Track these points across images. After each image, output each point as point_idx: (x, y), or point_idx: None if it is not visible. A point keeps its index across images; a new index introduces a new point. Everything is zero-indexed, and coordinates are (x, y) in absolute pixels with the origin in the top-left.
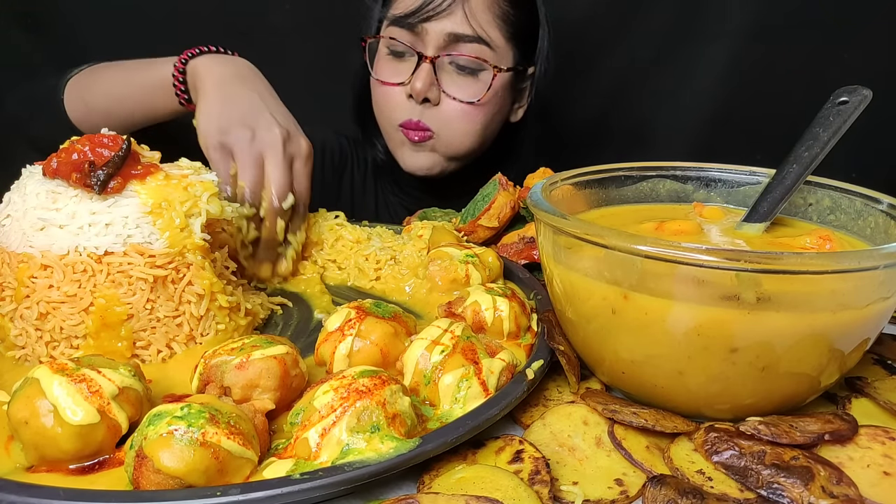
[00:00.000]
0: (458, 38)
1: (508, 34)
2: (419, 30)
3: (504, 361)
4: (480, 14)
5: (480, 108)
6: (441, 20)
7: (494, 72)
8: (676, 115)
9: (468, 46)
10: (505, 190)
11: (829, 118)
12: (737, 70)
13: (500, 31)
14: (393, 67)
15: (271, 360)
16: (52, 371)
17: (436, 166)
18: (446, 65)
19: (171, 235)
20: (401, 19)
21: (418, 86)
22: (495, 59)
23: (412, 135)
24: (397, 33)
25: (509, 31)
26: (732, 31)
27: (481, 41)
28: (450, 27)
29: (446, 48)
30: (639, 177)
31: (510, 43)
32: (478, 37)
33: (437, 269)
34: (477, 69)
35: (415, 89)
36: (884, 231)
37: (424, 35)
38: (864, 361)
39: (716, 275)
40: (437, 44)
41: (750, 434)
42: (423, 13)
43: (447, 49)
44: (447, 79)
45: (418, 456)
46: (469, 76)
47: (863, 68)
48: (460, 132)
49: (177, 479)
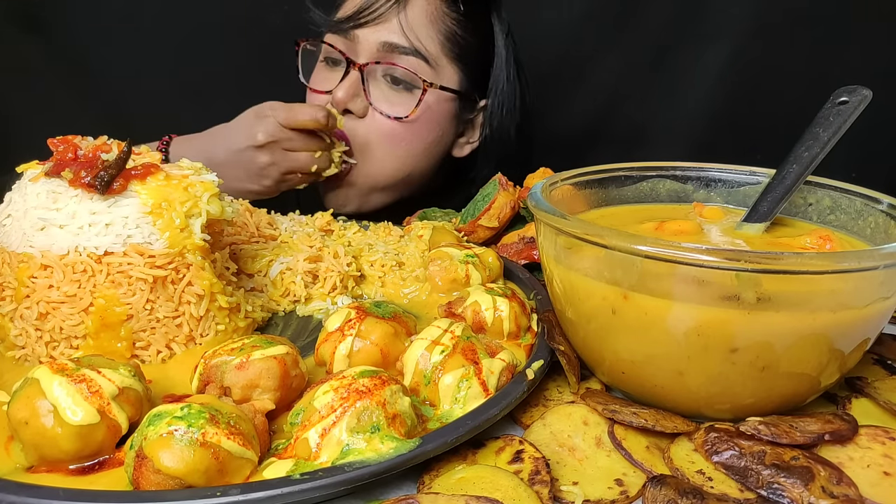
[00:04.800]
0: (392, 47)
1: (453, 54)
2: (352, 36)
3: (504, 361)
4: (420, 27)
5: (409, 128)
6: (376, 28)
7: (424, 86)
8: (676, 115)
9: (403, 59)
10: (505, 190)
11: (829, 118)
12: (737, 70)
13: (443, 49)
14: (324, 75)
15: (271, 360)
16: (52, 371)
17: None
18: (379, 76)
19: (171, 236)
20: (336, 25)
21: (340, 94)
22: (432, 76)
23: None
24: (334, 40)
25: (454, 51)
26: (732, 31)
27: (418, 54)
28: (384, 36)
29: (379, 58)
30: (639, 177)
31: (455, 65)
32: (414, 49)
33: (437, 269)
34: (410, 84)
35: (335, 97)
36: (884, 231)
37: (357, 42)
38: (864, 361)
39: (716, 275)
40: (370, 52)
41: (750, 434)
42: (356, 19)
43: (382, 58)
44: (377, 91)
45: (418, 456)
46: (402, 91)
47: (863, 68)
48: (382, 154)
49: (177, 479)
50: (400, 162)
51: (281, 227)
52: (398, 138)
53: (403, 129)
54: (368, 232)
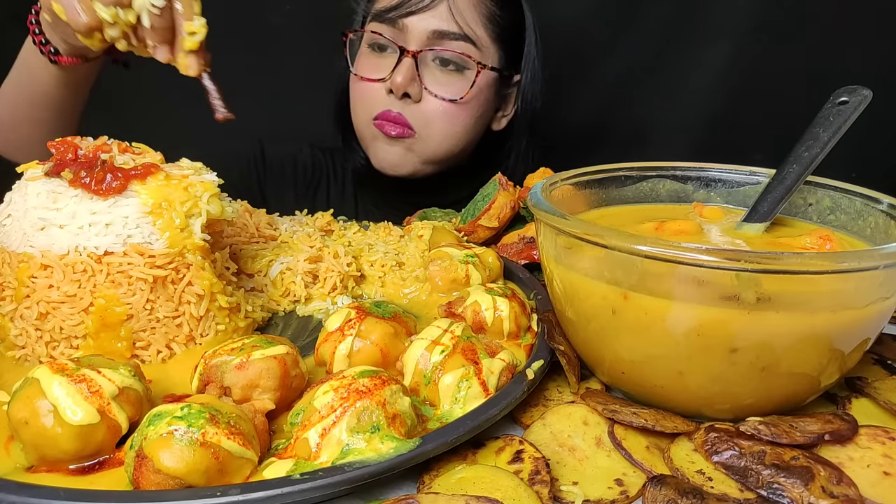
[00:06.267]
0: (442, 35)
1: (494, 34)
2: (400, 25)
3: (504, 361)
4: (466, 11)
5: (463, 108)
6: (424, 16)
7: (478, 68)
8: (676, 115)
9: (454, 44)
10: (505, 190)
11: (829, 118)
12: (737, 70)
13: (486, 31)
14: (374, 63)
15: (271, 360)
16: (52, 371)
17: (406, 165)
18: (429, 61)
19: (171, 236)
20: (382, 14)
21: (399, 79)
22: (480, 58)
23: (389, 128)
24: (381, 28)
25: (495, 31)
26: (733, 31)
27: (467, 39)
28: (434, 24)
29: (430, 44)
30: (639, 177)
31: (496, 44)
32: (464, 34)
33: (437, 269)
34: (461, 66)
35: (395, 83)
36: (884, 231)
37: (406, 31)
38: (864, 361)
39: (716, 275)
40: (420, 40)
41: (750, 434)
42: (404, 7)
43: (433, 45)
44: (430, 75)
45: (418, 456)
46: (453, 73)
47: (863, 68)
48: (440, 132)
49: (177, 479)
50: (457, 139)
51: (281, 228)
52: (455, 117)
53: (458, 109)
54: (368, 232)
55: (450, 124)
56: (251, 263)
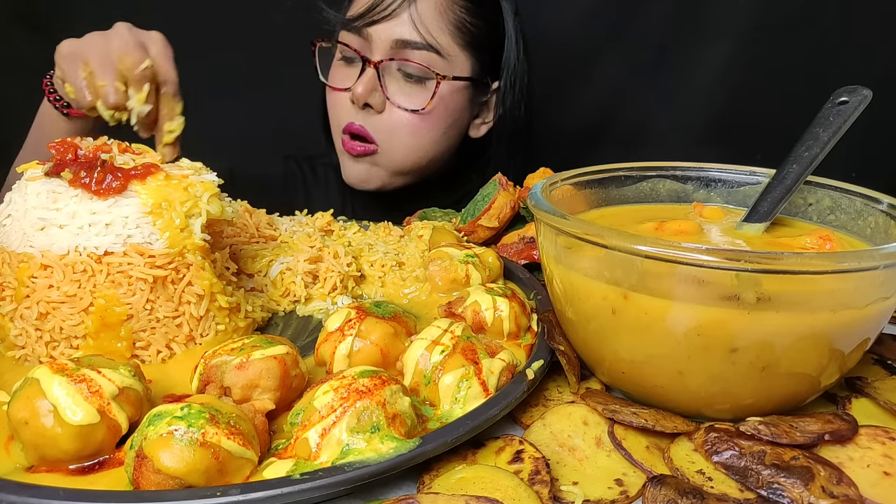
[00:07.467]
0: (405, 43)
1: (464, 42)
2: (366, 34)
3: (504, 361)
4: (430, 20)
5: (427, 119)
6: (388, 24)
7: (438, 79)
8: (677, 115)
9: (416, 53)
10: (505, 190)
11: (829, 118)
12: (737, 70)
13: (454, 39)
14: (343, 73)
15: (271, 360)
16: (52, 371)
17: (373, 180)
18: (394, 71)
19: (171, 236)
20: (349, 23)
21: (359, 90)
22: (444, 68)
23: (350, 146)
24: (348, 38)
25: (464, 39)
26: (732, 31)
27: (430, 48)
28: (397, 32)
29: (393, 54)
30: (639, 177)
31: (466, 52)
32: (426, 44)
33: (437, 269)
34: (424, 77)
35: (355, 94)
36: (884, 231)
37: (371, 40)
38: (864, 361)
39: (716, 275)
40: (384, 49)
41: (750, 434)
42: (368, 17)
43: (395, 55)
44: (393, 86)
45: (418, 456)
46: (416, 84)
47: (863, 68)
48: (404, 144)
49: (177, 479)
50: (423, 150)
51: (281, 228)
52: (417, 129)
53: (421, 120)
54: (368, 232)
55: (414, 136)
56: (251, 263)
